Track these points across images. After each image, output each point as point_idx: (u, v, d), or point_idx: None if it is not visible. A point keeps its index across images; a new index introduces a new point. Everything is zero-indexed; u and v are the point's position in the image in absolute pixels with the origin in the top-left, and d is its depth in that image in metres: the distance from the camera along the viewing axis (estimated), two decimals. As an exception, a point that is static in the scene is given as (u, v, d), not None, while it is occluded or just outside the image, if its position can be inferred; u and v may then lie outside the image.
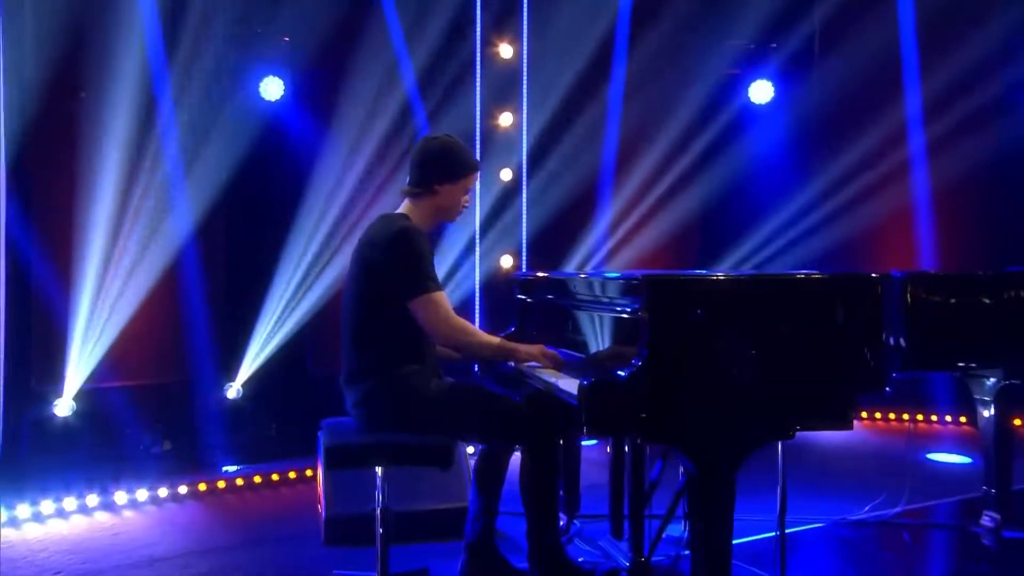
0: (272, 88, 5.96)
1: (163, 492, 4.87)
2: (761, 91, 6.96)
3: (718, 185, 6.76)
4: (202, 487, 4.96)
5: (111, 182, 5.35)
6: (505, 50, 6.54)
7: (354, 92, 6.01)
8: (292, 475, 5.16)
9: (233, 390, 5.71)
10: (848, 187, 6.69)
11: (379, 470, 3.14)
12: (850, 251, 6.67)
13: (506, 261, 6.60)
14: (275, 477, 5.12)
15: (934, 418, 6.67)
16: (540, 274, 3.83)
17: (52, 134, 5.26)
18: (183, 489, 4.93)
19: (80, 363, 5.25)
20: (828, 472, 5.30)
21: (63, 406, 5.18)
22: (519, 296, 3.96)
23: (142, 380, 5.57)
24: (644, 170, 6.67)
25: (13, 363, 5.10)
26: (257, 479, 5.13)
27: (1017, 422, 5.88)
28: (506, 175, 6.57)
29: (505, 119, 6.56)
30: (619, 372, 2.65)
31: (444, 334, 3.10)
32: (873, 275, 2.86)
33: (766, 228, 6.69)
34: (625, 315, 2.90)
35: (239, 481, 5.09)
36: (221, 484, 5.03)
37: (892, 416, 6.87)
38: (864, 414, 6.82)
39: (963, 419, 6.51)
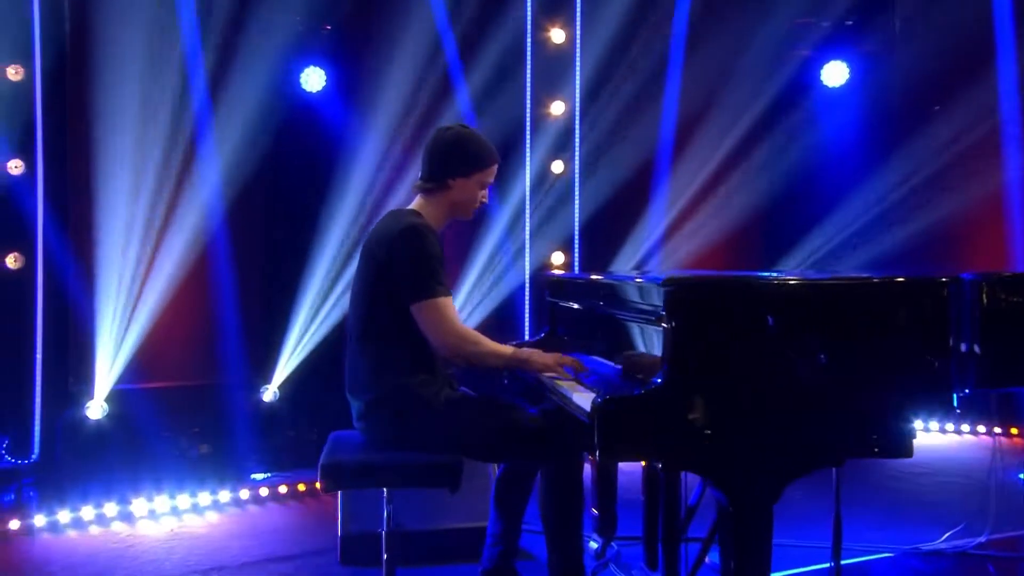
0: (313, 79, 5.83)
1: (206, 499, 4.76)
2: (835, 73, 6.49)
3: (785, 176, 6.34)
4: (228, 497, 4.82)
5: (144, 177, 5.28)
6: (557, 35, 6.26)
7: (397, 82, 5.82)
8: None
9: (269, 392, 5.58)
10: (931, 178, 6.18)
11: (385, 490, 2.92)
12: (934, 249, 6.16)
13: (557, 258, 6.34)
14: (318, 485, 4.92)
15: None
16: (563, 275, 3.56)
17: (83, 129, 5.21)
18: (224, 496, 4.80)
19: (113, 364, 5.20)
20: (896, 493, 4.87)
21: (96, 408, 5.12)
22: (549, 299, 3.70)
23: (176, 381, 5.49)
24: (704, 160, 6.31)
25: (51, 364, 5.12)
26: (301, 487, 4.96)
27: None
28: (557, 167, 6.30)
29: (556, 108, 6.29)
30: (639, 388, 2.36)
31: (446, 343, 2.86)
32: (942, 278, 2.50)
33: (838, 223, 6.24)
34: (649, 322, 2.60)
35: (283, 488, 4.93)
36: (245, 493, 4.87)
37: (974, 429, 6.18)
38: (936, 426, 6.26)
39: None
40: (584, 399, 2.56)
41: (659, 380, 2.34)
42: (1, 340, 5.06)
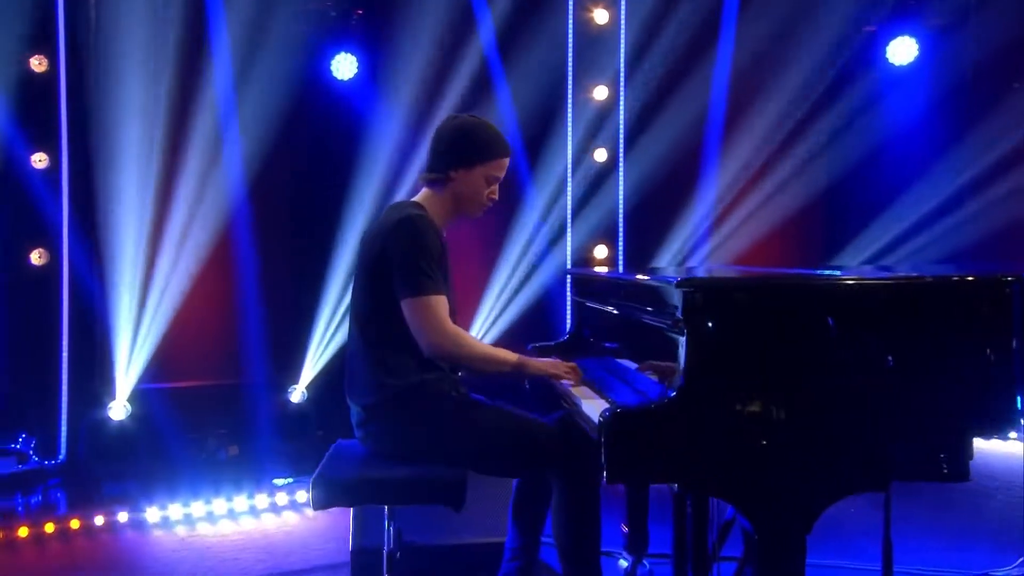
0: (344, 67, 5.69)
1: (221, 507, 4.64)
2: (902, 49, 6.07)
3: (847, 163, 5.95)
4: (245, 504, 4.69)
5: (167, 170, 5.23)
6: (600, 15, 6.02)
7: (432, 68, 5.67)
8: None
9: (297, 393, 5.46)
10: (1009, 165, 5.75)
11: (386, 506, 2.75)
12: (1012, 244, 5.73)
13: (600, 251, 6.10)
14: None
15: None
16: (586, 271, 3.33)
17: (105, 121, 5.16)
18: (241, 504, 4.67)
19: (132, 363, 5.16)
20: (961, 508, 4.49)
21: (118, 408, 5.08)
22: (575, 297, 3.48)
23: (200, 381, 5.41)
24: (757, 146, 5.97)
25: (76, 363, 5.09)
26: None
27: None
28: (600, 155, 6.06)
29: (600, 92, 6.04)
30: (651, 400, 2.14)
31: (431, 343, 2.67)
32: (1006, 276, 2.22)
33: (904, 214, 5.85)
34: (669, 327, 2.37)
35: (301, 496, 4.79)
36: (262, 501, 4.74)
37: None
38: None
39: None
40: (593, 409, 2.34)
41: (672, 393, 2.11)
42: (26, 338, 5.06)
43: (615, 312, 2.99)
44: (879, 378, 2.14)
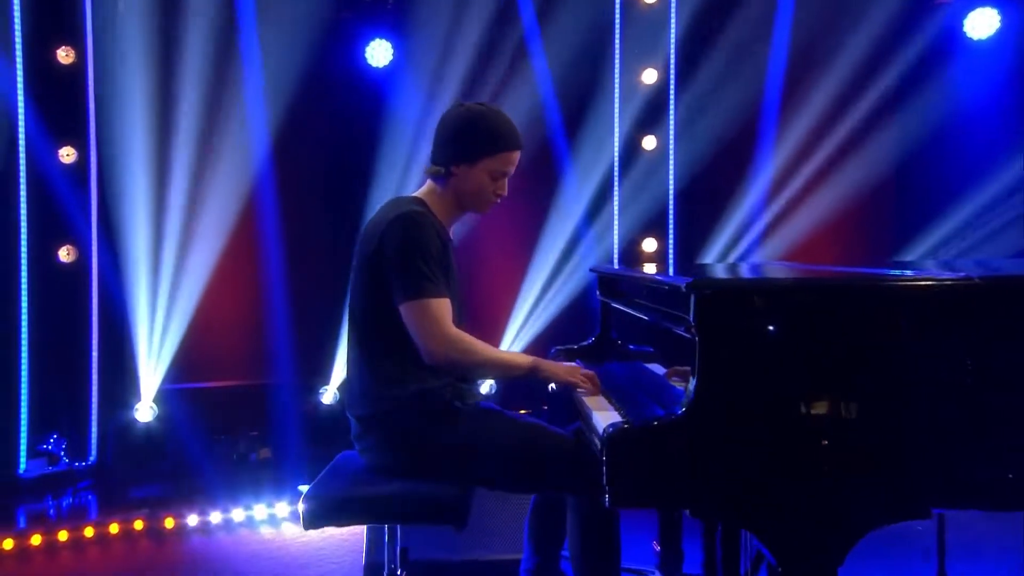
0: (379, 53, 5.57)
1: (240, 515, 4.56)
2: (981, 22, 5.67)
3: (918, 147, 5.56)
4: (264, 513, 4.60)
5: (195, 164, 5.17)
6: (648, -6, 5.77)
7: (470, 53, 5.50)
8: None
9: (328, 394, 5.36)
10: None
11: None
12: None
13: (649, 244, 5.85)
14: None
15: None
16: (611, 269, 3.14)
17: (132, 113, 5.12)
18: (260, 512, 4.58)
19: (163, 363, 5.12)
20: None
21: (144, 410, 5.04)
22: (601, 297, 3.28)
23: (229, 381, 5.35)
24: (818, 130, 5.63)
25: (106, 362, 5.07)
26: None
27: None
28: (649, 143, 5.80)
29: (648, 76, 5.78)
30: (658, 416, 1.94)
31: (433, 349, 2.50)
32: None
33: (981, 202, 5.45)
34: (684, 331, 2.16)
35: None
36: (283, 509, 4.63)
37: None
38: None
39: None
40: (603, 421, 2.15)
41: (680, 411, 1.90)
42: (55, 336, 5.02)
43: (640, 313, 2.78)
44: (910, 394, 1.91)
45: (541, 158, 5.53)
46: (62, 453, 5.00)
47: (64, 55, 5.01)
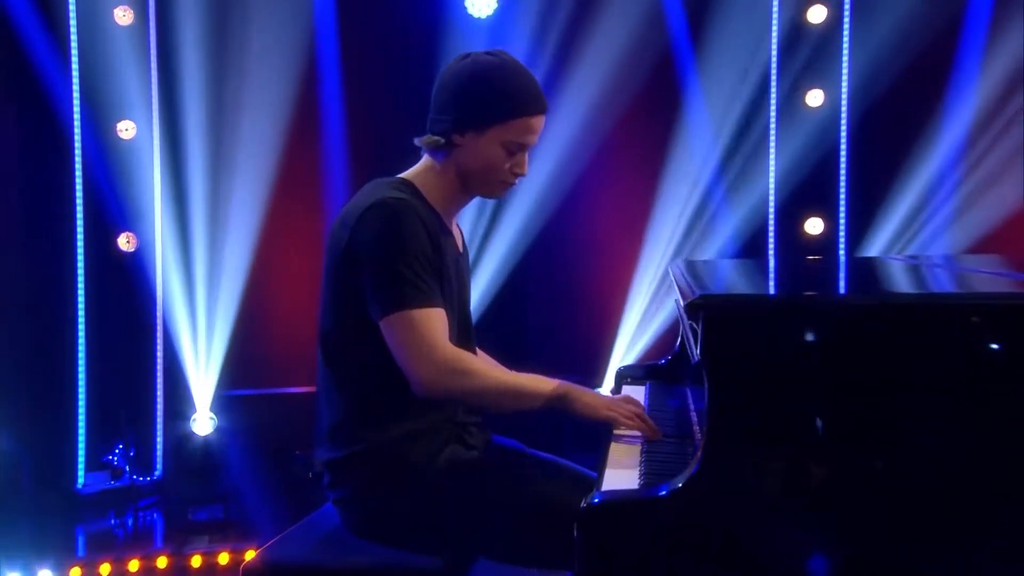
0: (482, 1, 5.11)
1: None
2: None
3: None
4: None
5: (263, 139, 4.92)
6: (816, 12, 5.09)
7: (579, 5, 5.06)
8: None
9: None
10: None
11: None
12: None
13: (813, 225, 5.12)
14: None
15: None
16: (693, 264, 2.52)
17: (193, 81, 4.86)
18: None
19: (225, 368, 4.88)
20: None
21: (203, 420, 4.77)
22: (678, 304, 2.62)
23: (297, 386, 5.05)
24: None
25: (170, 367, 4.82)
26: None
27: None
28: (814, 98, 5.04)
29: (816, 13, 5.01)
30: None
31: (421, 374, 2.05)
32: None
33: None
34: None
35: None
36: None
37: None
38: None
39: None
40: (614, 480, 1.75)
41: (680, 484, 1.40)
42: (116, 334, 4.80)
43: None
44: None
45: (668, 120, 5.06)
46: (127, 467, 4.75)
47: (122, 15, 4.72)
